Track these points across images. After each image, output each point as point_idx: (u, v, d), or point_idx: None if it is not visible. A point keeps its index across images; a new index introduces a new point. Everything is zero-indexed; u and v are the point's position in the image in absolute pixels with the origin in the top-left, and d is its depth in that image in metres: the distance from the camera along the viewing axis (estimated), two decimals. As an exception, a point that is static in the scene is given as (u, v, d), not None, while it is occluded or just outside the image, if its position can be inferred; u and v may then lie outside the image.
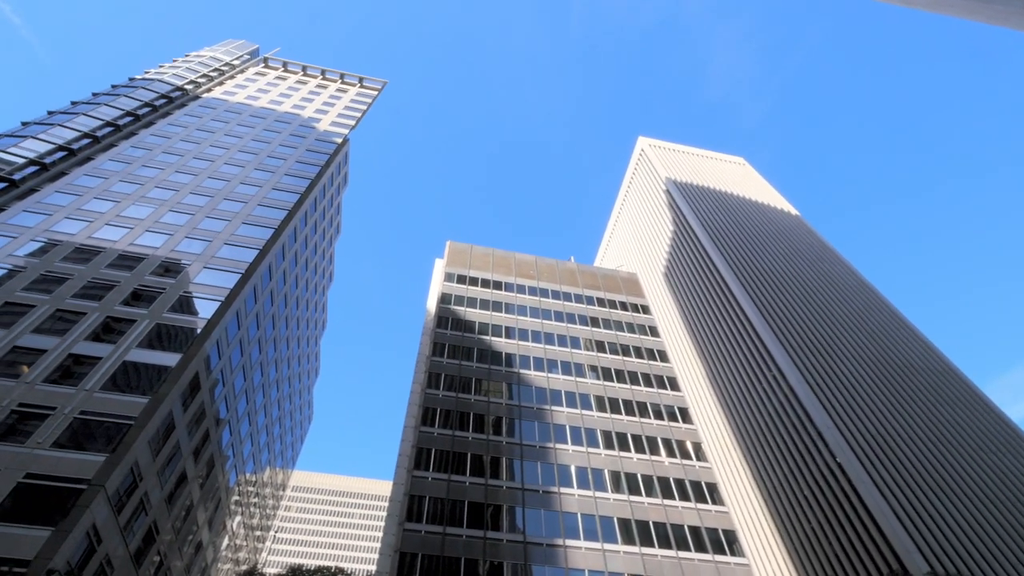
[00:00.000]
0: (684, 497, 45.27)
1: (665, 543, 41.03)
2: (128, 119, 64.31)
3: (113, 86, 70.60)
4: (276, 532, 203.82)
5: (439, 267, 71.04)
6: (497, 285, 66.73)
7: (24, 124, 56.88)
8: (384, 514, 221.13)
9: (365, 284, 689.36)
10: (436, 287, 66.33)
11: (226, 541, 53.36)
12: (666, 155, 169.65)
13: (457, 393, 50.39)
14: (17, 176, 48.86)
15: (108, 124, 61.44)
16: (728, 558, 41.07)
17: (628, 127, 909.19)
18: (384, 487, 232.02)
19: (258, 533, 68.36)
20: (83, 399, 32.12)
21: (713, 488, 46.95)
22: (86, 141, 57.58)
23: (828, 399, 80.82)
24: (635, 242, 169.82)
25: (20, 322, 35.79)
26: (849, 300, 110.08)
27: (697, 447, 50.76)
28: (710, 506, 45.06)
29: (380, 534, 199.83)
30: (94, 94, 67.21)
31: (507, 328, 59.86)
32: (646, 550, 40.15)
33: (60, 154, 54.09)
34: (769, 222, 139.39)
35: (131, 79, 74.44)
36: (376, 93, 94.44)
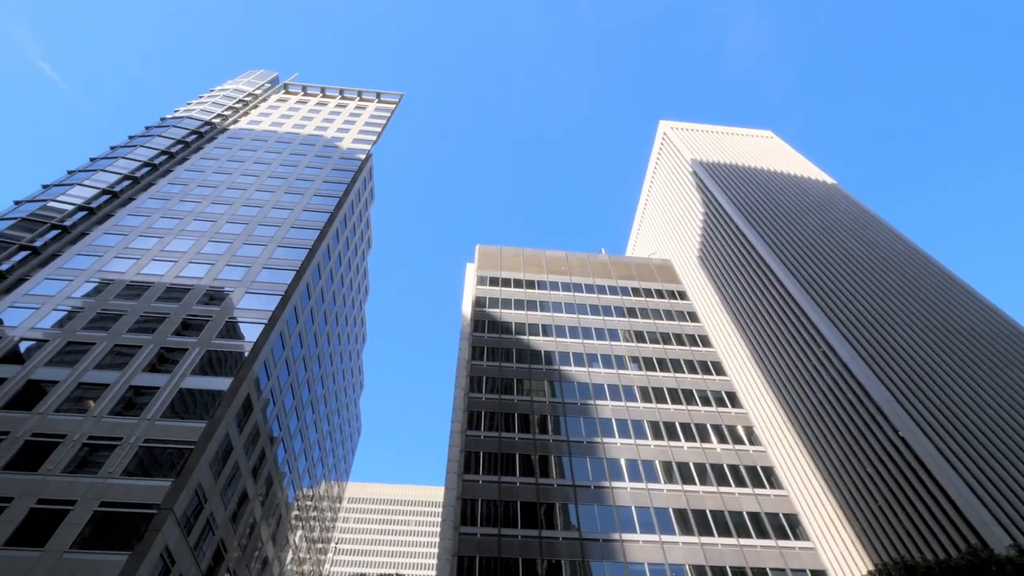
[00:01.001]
0: (740, 483, 44.17)
1: (724, 531, 40.12)
2: (163, 157, 67.19)
3: (146, 127, 73.88)
4: (337, 543, 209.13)
5: (471, 271, 71.51)
6: (530, 284, 66.68)
7: (70, 172, 60.13)
8: (439, 519, 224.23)
9: (401, 294, 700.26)
10: (470, 291, 66.76)
11: (290, 555, 55.03)
12: (690, 136, 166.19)
13: (500, 395, 50.56)
14: (68, 222, 51.70)
15: (145, 164, 64.34)
16: (792, 543, 39.85)
17: (649, 113, 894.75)
18: (437, 493, 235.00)
19: (320, 545, 70.25)
20: (146, 428, 33.67)
21: (770, 472, 45.65)
22: (127, 183, 60.44)
23: (885, 372, 77.52)
24: (666, 228, 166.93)
25: (83, 360, 37.81)
26: (898, 267, 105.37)
27: (749, 431, 49.47)
28: (768, 490, 43.83)
29: (437, 539, 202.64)
30: (130, 137, 70.53)
31: (544, 326, 59.73)
32: (705, 539, 39.35)
33: (104, 197, 56.95)
34: (804, 194, 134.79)
35: (162, 119, 77.74)
36: (394, 106, 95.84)
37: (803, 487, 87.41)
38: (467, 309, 63.74)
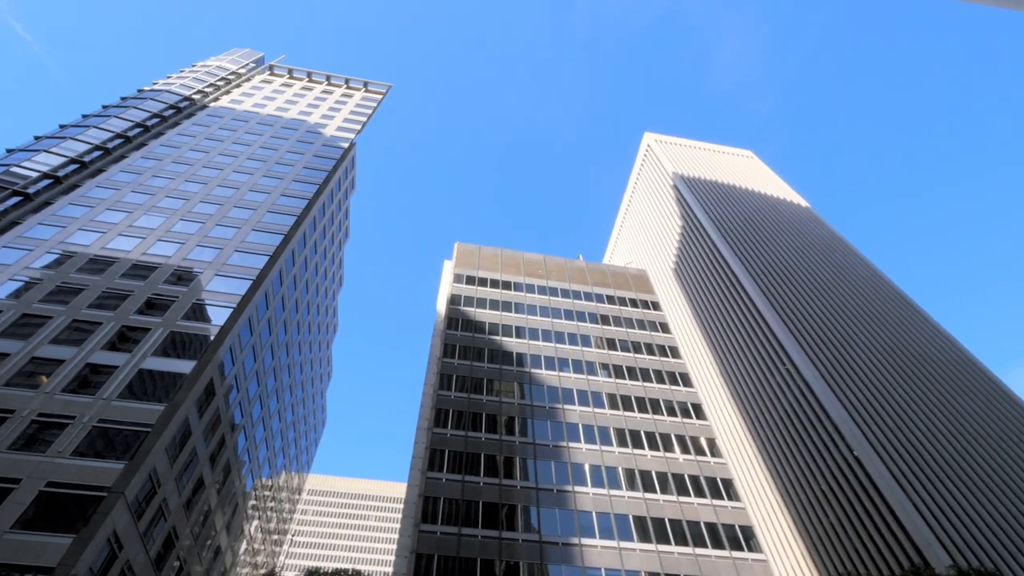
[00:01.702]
0: (700, 494, 44.99)
1: (681, 540, 40.81)
2: (138, 130, 65.13)
3: (122, 98, 71.51)
4: (293, 536, 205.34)
5: (448, 268, 71.21)
6: (506, 285, 66.75)
7: (37, 139, 57.78)
8: (400, 516, 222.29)
9: (375, 287, 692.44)
10: (445, 288, 66.48)
11: (244, 545, 53.85)
12: (673, 150, 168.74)
13: (469, 394, 50.47)
14: (31, 190, 49.66)
15: (118, 136, 62.26)
16: (745, 554, 40.76)
17: (634, 123, 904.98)
18: (399, 489, 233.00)
19: (275, 537, 68.93)
20: (101, 408, 32.57)
21: (729, 484, 46.62)
22: (97, 154, 58.38)
23: (844, 392, 79.96)
24: (644, 238, 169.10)
25: (38, 333, 36.37)
26: (862, 291, 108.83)
27: (711, 443, 50.44)
28: (726, 502, 44.75)
29: (396, 536, 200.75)
30: (104, 107, 68.13)
31: (517, 328, 59.86)
32: (662, 547, 39.96)
33: (72, 167, 54.89)
34: (779, 215, 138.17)
35: (140, 91, 75.36)
36: (381, 97, 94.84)
37: (760, 500, 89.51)
38: (442, 306, 63.44)
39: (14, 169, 50.89)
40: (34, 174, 51.15)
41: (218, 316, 41.56)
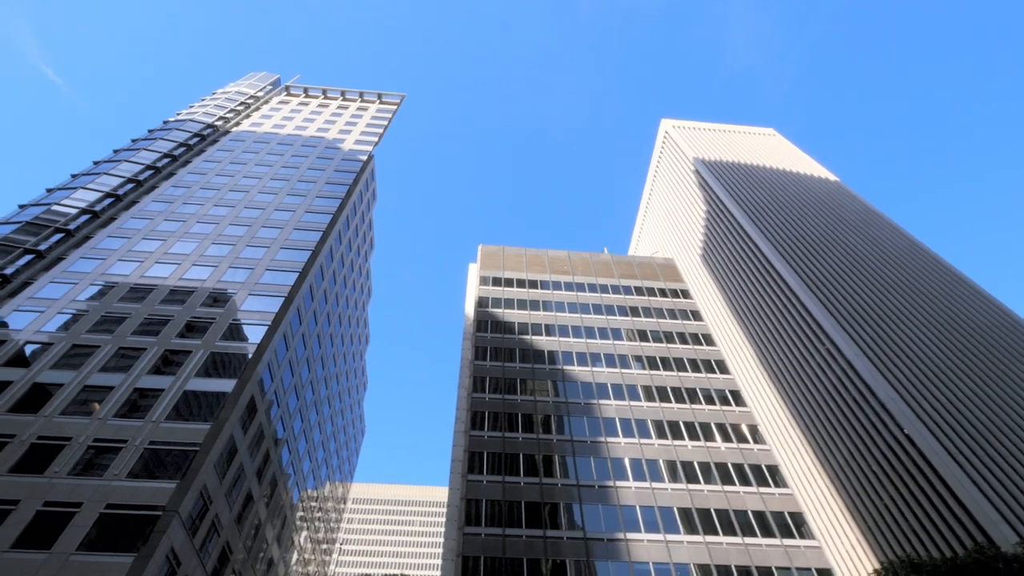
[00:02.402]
0: (744, 482, 44.09)
1: (729, 530, 40.05)
2: (166, 160, 67.39)
3: (149, 131, 74.10)
4: (341, 544, 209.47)
5: (473, 271, 71.53)
6: (532, 284, 66.68)
7: (73, 176, 60.36)
8: (443, 520, 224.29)
9: (403, 295, 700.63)
10: (472, 291, 66.79)
11: (295, 556, 55.14)
12: (692, 134, 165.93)
13: (503, 395, 50.57)
14: (72, 226, 51.90)
15: (148, 167, 64.53)
16: (797, 541, 39.75)
17: (650, 112, 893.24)
18: (441, 493, 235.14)
19: (324, 546, 70.38)
20: (151, 430, 33.78)
21: (774, 470, 45.55)
22: (130, 186, 60.63)
23: (889, 369, 77.28)
24: (668, 227, 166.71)
25: (88, 363, 37.95)
26: (902, 263, 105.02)
27: (753, 430, 49.38)
28: (773, 489, 43.73)
29: (441, 540, 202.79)
30: (133, 140, 70.71)
31: (547, 326, 59.72)
32: (710, 538, 39.29)
33: (108, 200, 57.14)
34: (807, 191, 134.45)
35: (165, 122, 77.95)
36: (395, 108, 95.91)
37: (808, 485, 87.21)
38: (470, 309, 63.77)
39: (55, 207, 53.26)
40: (73, 210, 53.42)
41: (254, 334, 42.64)
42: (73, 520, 28.55)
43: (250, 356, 40.49)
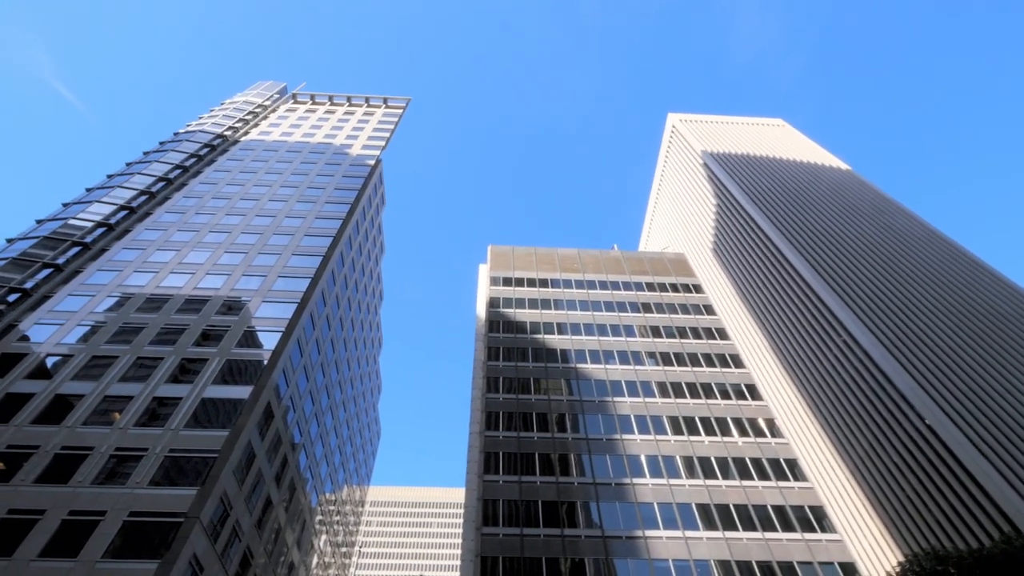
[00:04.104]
0: (763, 476, 43.66)
1: (749, 525, 39.68)
2: (177, 172, 68.26)
3: (160, 143, 75.10)
4: (361, 547, 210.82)
5: (484, 272, 71.60)
6: (543, 283, 66.59)
7: (88, 190, 61.36)
8: (461, 520, 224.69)
9: (415, 297, 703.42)
10: (483, 292, 66.86)
11: (315, 559, 55.57)
12: (699, 128, 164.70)
13: (517, 395, 50.56)
14: (88, 239, 52.76)
15: (161, 179, 65.42)
16: (819, 535, 39.29)
17: (656, 106, 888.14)
18: (458, 494, 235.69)
19: (344, 549, 70.87)
20: (171, 438, 34.24)
21: (793, 464, 45.07)
22: (143, 198, 61.50)
23: (908, 359, 76.11)
24: (678, 221, 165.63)
25: (107, 373, 38.56)
26: (918, 252, 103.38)
27: (770, 423, 48.89)
28: (792, 483, 43.26)
29: (460, 540, 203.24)
30: (145, 153, 71.72)
31: (559, 324, 59.60)
32: (730, 534, 38.96)
33: (122, 213, 58.00)
34: (818, 181, 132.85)
35: (175, 134, 78.95)
36: (401, 111, 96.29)
37: (828, 479, 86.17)
38: (481, 310, 63.84)
39: (72, 221, 54.19)
40: (89, 224, 54.31)
41: (269, 341, 43.05)
42: (98, 528, 29.02)
43: (265, 362, 40.88)
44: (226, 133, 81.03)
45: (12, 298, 44.50)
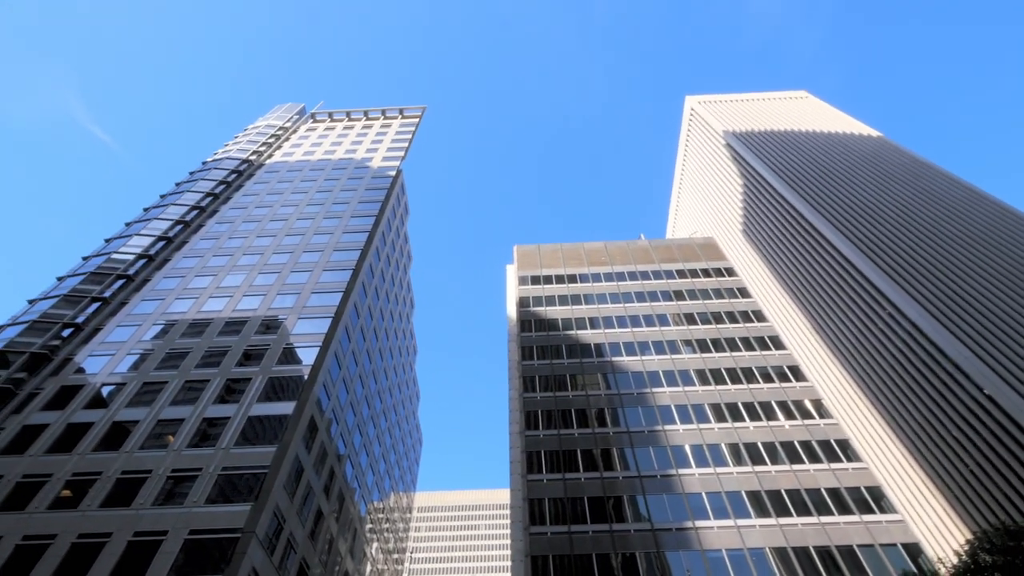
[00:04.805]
0: (814, 459, 42.43)
1: (803, 510, 38.61)
2: (208, 199, 70.54)
3: (190, 173, 77.73)
4: (412, 553, 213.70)
5: (511, 272, 71.67)
6: (572, 279, 66.26)
7: (127, 224, 63.94)
8: (508, 521, 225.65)
9: (445, 303, 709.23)
10: (512, 292, 66.93)
11: (369, 567, 56.57)
12: (719, 108, 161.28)
13: (554, 392, 50.44)
14: (131, 271, 54.99)
15: (193, 208, 67.70)
16: (878, 516, 37.94)
17: (674, 91, 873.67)
18: (503, 495, 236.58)
19: (396, 556, 71.94)
20: (222, 457, 35.36)
21: (844, 445, 43.65)
22: (179, 227, 63.77)
23: (959, 327, 72.83)
24: (704, 205, 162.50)
25: (159, 398, 40.10)
26: (961, 214, 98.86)
27: (817, 404, 47.47)
28: (845, 464, 41.91)
29: (508, 541, 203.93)
30: (177, 184, 74.34)
31: (591, 319, 59.20)
32: (783, 520, 37.98)
33: (160, 244, 60.27)
34: (848, 151, 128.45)
35: (204, 163, 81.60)
36: (417, 120, 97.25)
37: (883, 457, 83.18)
38: (512, 311, 63.92)
39: (114, 255, 56.58)
40: (130, 256, 56.61)
41: (307, 356, 44.04)
42: (161, 547, 30.17)
43: (306, 377, 41.84)
44: (251, 158, 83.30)
45: (66, 333, 46.74)
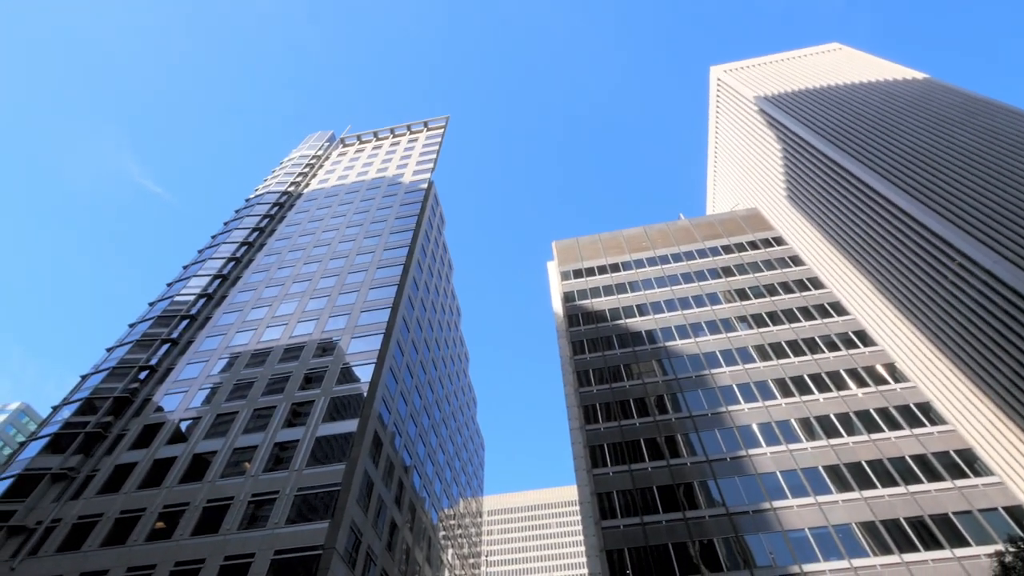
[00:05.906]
0: (893, 426, 40.22)
1: (888, 480, 36.65)
2: (255, 234, 73.64)
3: (236, 211, 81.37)
4: (487, 556, 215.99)
5: (553, 269, 71.41)
6: (614, 268, 65.39)
7: (185, 267, 67.55)
8: (579, 518, 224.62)
9: (490, 306, 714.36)
10: (556, 288, 66.66)
11: (447, 574, 57.52)
12: (747, 74, 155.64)
13: (610, 384, 49.88)
14: (194, 311, 58.04)
15: (243, 243, 70.84)
16: (973, 480, 35.57)
17: (698, 64, 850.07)
18: (571, 491, 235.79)
19: (471, 560, 72.85)
20: (296, 478, 36.79)
21: (926, 408, 41.18)
22: (232, 264, 66.86)
23: (1041, 269, 67.44)
24: (743, 176, 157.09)
25: (232, 428, 42.12)
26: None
27: (891, 368, 44.99)
28: (929, 428, 39.53)
29: (581, 537, 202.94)
30: (225, 223, 77.97)
31: (638, 306, 58.23)
32: (868, 493, 36.16)
33: (217, 282, 63.35)
34: (892, 98, 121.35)
35: (247, 200, 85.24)
36: (442, 130, 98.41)
37: (971, 417, 77.99)
38: (558, 307, 63.66)
39: (177, 298, 59.87)
40: (191, 297, 59.75)
41: (364, 374, 45.25)
42: (251, 569, 31.64)
43: (365, 394, 43.00)
44: (289, 189, 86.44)
45: (143, 376, 49.79)
